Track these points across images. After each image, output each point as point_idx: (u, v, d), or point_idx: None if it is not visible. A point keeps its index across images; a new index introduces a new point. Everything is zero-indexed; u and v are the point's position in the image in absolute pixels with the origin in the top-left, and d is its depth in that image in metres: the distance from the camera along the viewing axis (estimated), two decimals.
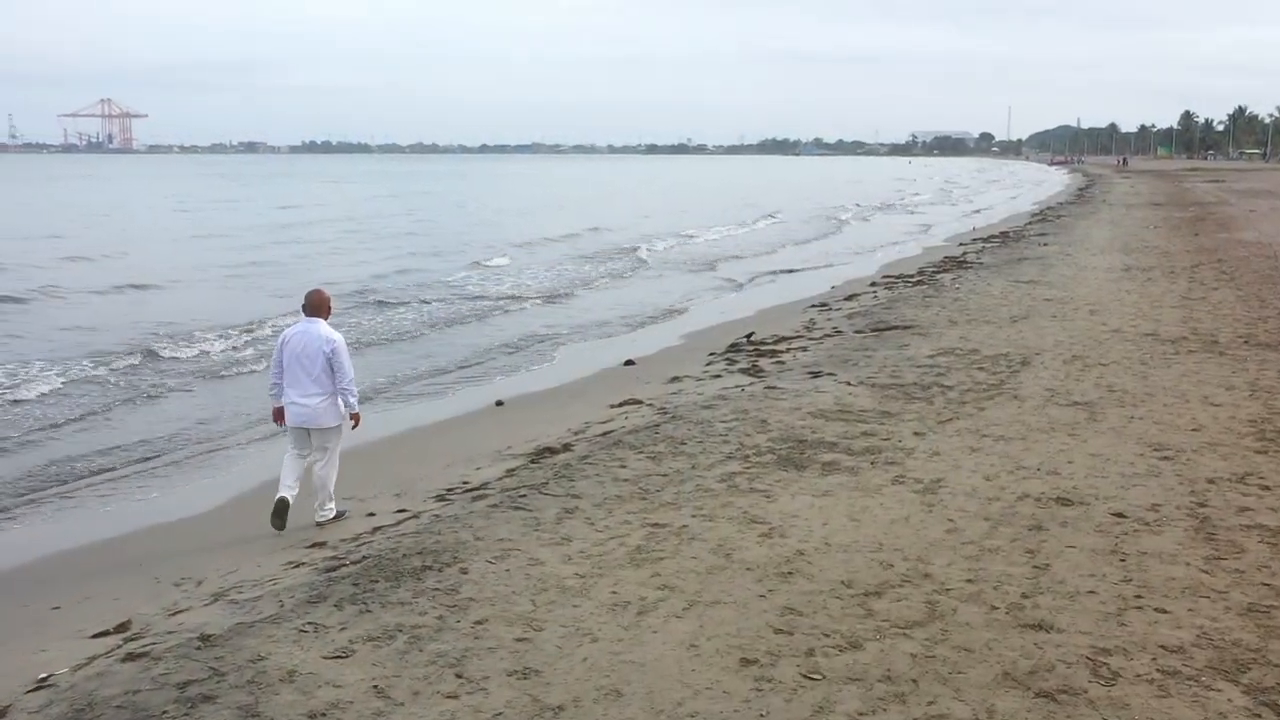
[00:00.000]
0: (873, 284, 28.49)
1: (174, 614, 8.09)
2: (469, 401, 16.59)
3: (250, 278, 33.71)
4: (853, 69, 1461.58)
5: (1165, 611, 7.33)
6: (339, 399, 10.71)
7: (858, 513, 9.41)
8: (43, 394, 16.90)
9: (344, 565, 8.50)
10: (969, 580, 7.88)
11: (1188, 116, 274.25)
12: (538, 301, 28.51)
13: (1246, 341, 17.32)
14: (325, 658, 6.76)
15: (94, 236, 49.32)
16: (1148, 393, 13.89)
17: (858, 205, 76.73)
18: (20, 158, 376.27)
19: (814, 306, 24.59)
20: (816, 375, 15.50)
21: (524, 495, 10.06)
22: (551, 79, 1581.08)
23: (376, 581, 7.98)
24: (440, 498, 10.79)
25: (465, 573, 8.10)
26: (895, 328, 19.61)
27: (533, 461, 11.76)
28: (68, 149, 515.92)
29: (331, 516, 10.58)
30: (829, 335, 19.61)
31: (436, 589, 7.80)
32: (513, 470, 11.46)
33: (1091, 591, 7.66)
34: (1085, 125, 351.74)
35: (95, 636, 7.88)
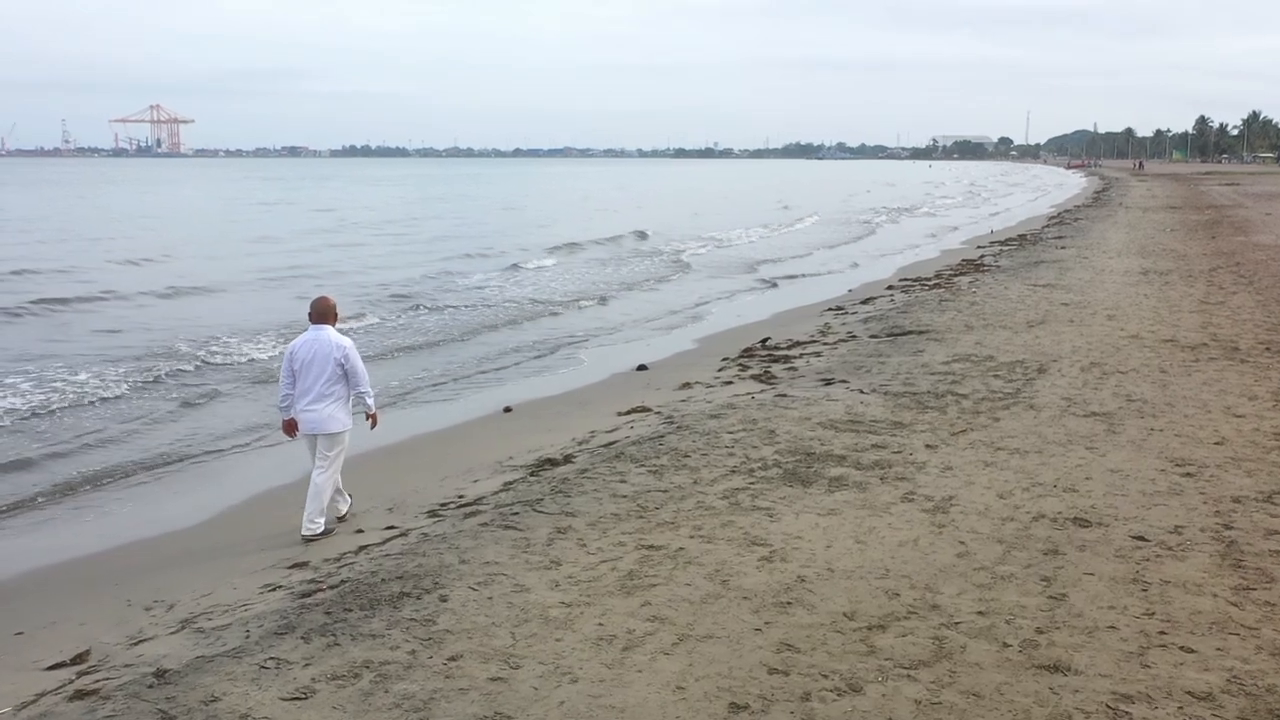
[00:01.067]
0: (890, 287, 27.60)
1: (136, 643, 7.41)
2: (479, 407, 15.86)
3: (297, 281, 32.67)
4: (874, 75, 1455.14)
5: (1192, 651, 6.55)
6: (347, 405, 10.30)
7: (864, 534, 8.65)
8: (74, 401, 16.26)
9: (321, 590, 7.81)
10: (980, 613, 7.12)
11: (1202, 121, 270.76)
12: (577, 305, 27.55)
13: (1268, 348, 16.43)
14: (283, 699, 6.07)
15: (148, 240, 48.30)
16: (1168, 403, 13.06)
17: (886, 208, 75.22)
18: (73, 162, 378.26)
19: (830, 310, 23.78)
20: (829, 382, 14.73)
21: (516, 513, 9.34)
22: (582, 86, 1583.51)
23: (350, 610, 7.28)
24: (433, 513, 10.07)
25: (445, 600, 7.39)
26: (910, 332, 18.80)
27: (532, 474, 11.03)
28: (118, 153, 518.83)
29: (319, 531, 9.92)
30: (844, 340, 18.81)
31: (412, 619, 7.09)
32: (510, 484, 10.74)
33: (1111, 627, 6.89)
34: (1102, 130, 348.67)
35: (50, 669, 7.19)
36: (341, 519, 10.31)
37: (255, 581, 8.60)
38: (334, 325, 10.40)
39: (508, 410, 15.32)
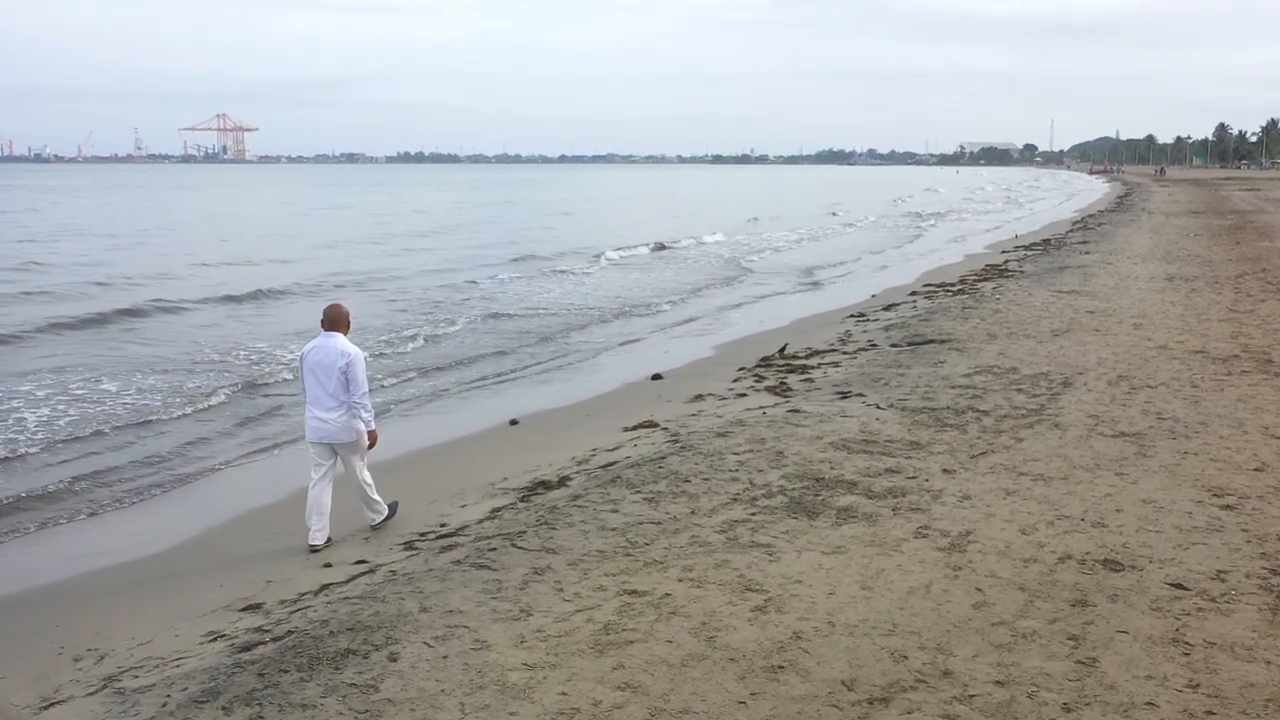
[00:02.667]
0: (913, 293, 26.15)
1: (47, 706, 6.30)
2: (488, 418, 14.72)
3: (365, 285, 31.42)
4: (904, 84, 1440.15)
5: None
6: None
7: (871, 578, 7.45)
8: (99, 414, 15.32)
9: (263, 643, 6.69)
10: (998, 682, 5.92)
11: (1222, 128, 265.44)
12: (626, 311, 26.13)
13: None
14: None
15: (224, 246, 46.51)
16: (1201, 422, 11.75)
17: (934, 214, 73.30)
18: (145, 168, 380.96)
19: (851, 317, 22.46)
20: (845, 396, 13.51)
21: (494, 549, 8.17)
22: (624, 95, 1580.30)
23: (286, 671, 6.15)
24: (409, 545, 8.93)
25: (394, 660, 6.25)
26: (932, 341, 17.50)
27: (522, 499, 9.87)
28: (186, 159, 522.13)
29: (384, 516, 9.79)
30: (863, 349, 17.53)
31: (353, 684, 5.96)
32: (498, 510, 9.58)
33: (1150, 703, 5.68)
34: (1124, 137, 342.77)
35: None
36: (315, 549, 9.31)
37: (201, 627, 7.47)
38: (346, 334, 9.80)
39: (514, 423, 14.20)
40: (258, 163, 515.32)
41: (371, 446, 9.79)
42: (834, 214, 74.68)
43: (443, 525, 9.42)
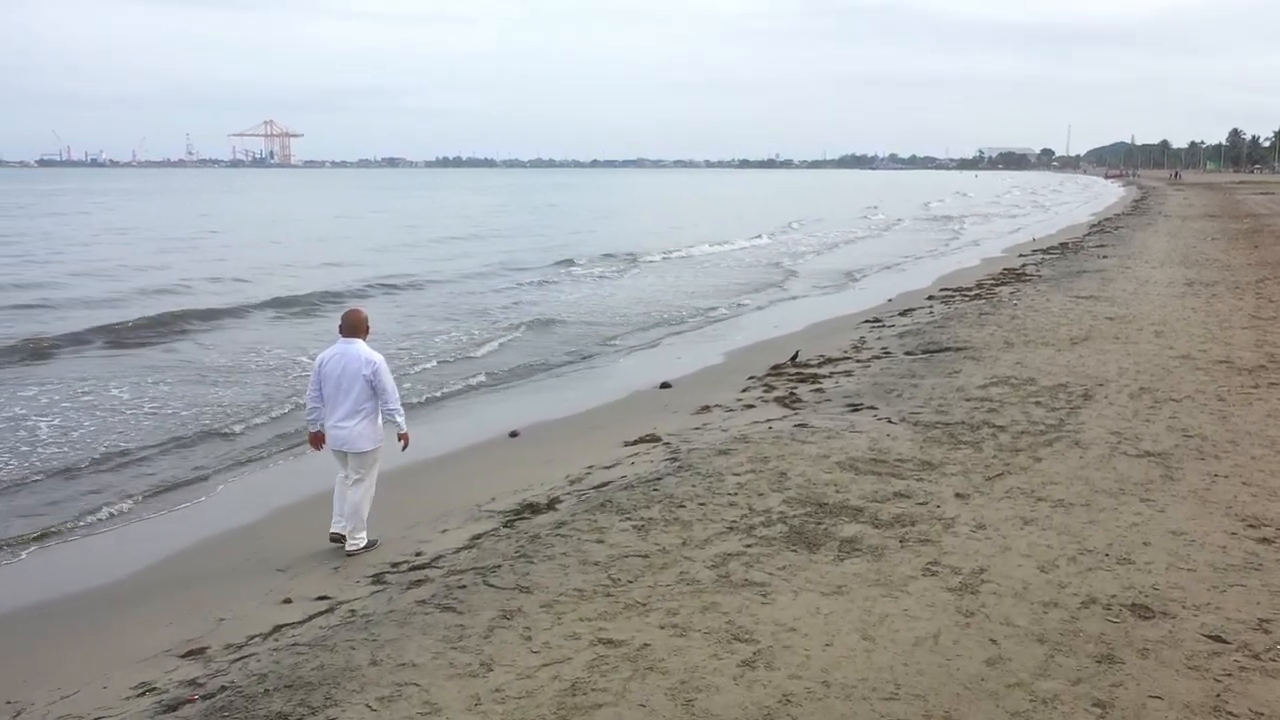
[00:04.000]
0: (930, 298, 25.01)
1: None
2: (490, 427, 13.79)
3: (408, 291, 30.27)
4: (922, 90, 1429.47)
5: None
6: (378, 421, 9.07)
7: (873, 625, 6.47)
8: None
9: (191, 700, 5.78)
10: None
11: (1235, 133, 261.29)
12: (661, 317, 24.73)
13: None
14: None
15: (278, 250, 45.24)
16: (1230, 440, 10.68)
17: (965, 216, 71.89)
18: (196, 172, 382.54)
19: (867, 322, 21.36)
20: (855, 409, 12.50)
21: (464, 586, 7.21)
22: (652, 101, 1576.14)
23: None
24: (377, 578, 7.98)
25: None
26: (948, 349, 16.43)
27: (506, 524, 8.91)
28: (235, 164, 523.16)
29: (362, 546, 8.95)
30: (877, 357, 16.48)
31: None
32: (478, 537, 8.63)
33: None
34: (1139, 141, 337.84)
35: None
36: (336, 540, 8.81)
37: (134, 676, 6.53)
38: (365, 339, 9.21)
39: (514, 435, 13.26)
40: (303, 167, 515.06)
41: (405, 448, 9.35)
42: (868, 218, 73.02)
43: (418, 554, 8.48)
